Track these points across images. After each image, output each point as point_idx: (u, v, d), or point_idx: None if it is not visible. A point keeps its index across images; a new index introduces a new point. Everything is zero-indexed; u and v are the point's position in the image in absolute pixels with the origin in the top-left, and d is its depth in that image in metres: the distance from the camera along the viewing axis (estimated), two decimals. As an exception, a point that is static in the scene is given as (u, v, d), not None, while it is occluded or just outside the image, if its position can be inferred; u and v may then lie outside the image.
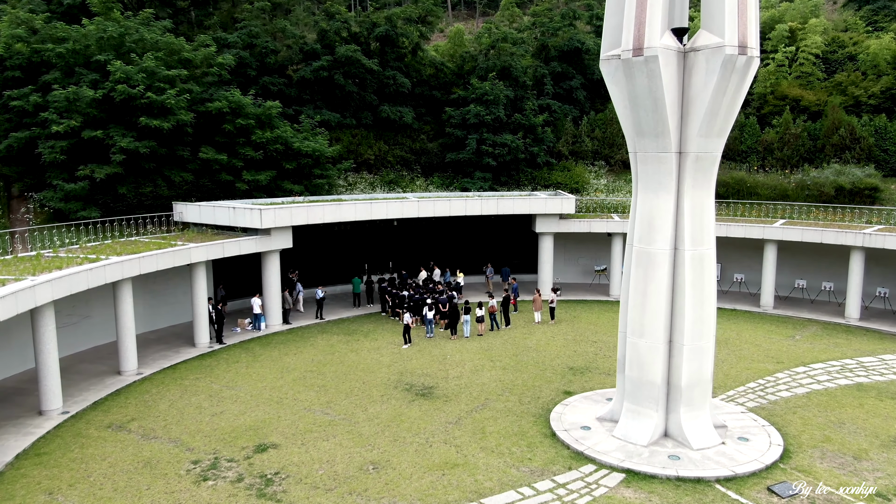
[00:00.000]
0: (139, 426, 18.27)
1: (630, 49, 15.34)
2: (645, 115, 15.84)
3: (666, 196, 16.22)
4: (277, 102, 32.81)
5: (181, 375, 22.38)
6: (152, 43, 29.72)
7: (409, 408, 19.41)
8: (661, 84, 15.12)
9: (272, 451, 16.70)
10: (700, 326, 16.38)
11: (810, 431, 17.71)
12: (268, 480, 15.18)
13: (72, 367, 22.96)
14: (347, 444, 17.00)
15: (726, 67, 14.83)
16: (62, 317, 24.19)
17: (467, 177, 39.17)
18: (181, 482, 15.16)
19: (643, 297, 16.69)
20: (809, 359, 23.95)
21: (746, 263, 34.01)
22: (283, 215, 27.05)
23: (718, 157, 16.21)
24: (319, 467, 15.79)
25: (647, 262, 16.59)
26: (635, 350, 16.99)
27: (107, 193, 28.88)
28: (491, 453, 16.45)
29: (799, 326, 28.48)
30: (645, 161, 16.49)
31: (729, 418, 18.28)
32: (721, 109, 15.39)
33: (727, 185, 37.62)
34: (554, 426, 17.84)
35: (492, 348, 25.29)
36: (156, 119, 28.03)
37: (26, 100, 27.91)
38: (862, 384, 21.38)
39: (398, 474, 15.39)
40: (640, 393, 17.00)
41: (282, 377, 22.12)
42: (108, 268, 20.49)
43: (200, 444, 17.06)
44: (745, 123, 40.04)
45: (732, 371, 22.62)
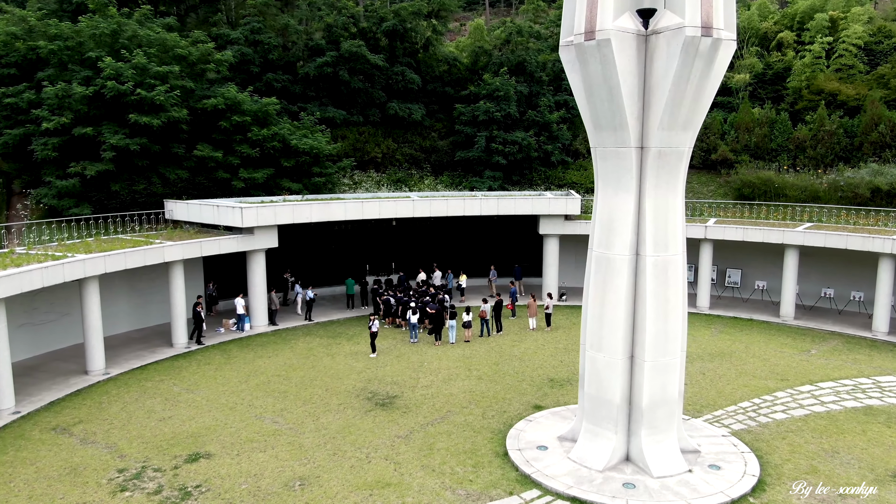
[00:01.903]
0: (83, 429, 17.73)
1: (582, 33, 13.86)
2: (601, 105, 14.32)
3: (626, 195, 14.66)
4: (275, 99, 32.25)
5: (147, 377, 21.87)
6: (146, 39, 29.48)
7: (362, 419, 18.32)
8: (616, 71, 13.59)
9: (204, 461, 15.85)
10: (663, 341, 14.73)
11: (796, 460, 15.80)
12: (186, 494, 14.32)
13: (43, 366, 22.77)
14: (283, 457, 16.02)
15: (688, 51, 13.18)
16: (39, 314, 24.16)
17: (477, 175, 37.86)
18: (98, 492, 14.44)
19: (601, 307, 15.15)
20: (819, 376, 21.77)
21: (770, 270, 31.61)
22: (267, 214, 26.35)
23: (686, 153, 14.55)
24: (244, 481, 14.85)
25: (605, 269, 15.05)
26: (593, 365, 15.45)
27: (100, 190, 28.79)
28: (431, 473, 15.20)
29: (818, 340, 26.12)
30: (604, 157, 14.95)
31: (706, 442, 16.52)
32: (685, 99, 13.74)
33: (753, 185, 35.23)
34: (508, 444, 16.45)
35: (474, 356, 23.97)
36: (146, 116, 27.75)
37: (20, 97, 28.05)
38: (872, 407, 19.18)
39: (323, 493, 14.31)
40: (599, 412, 15.46)
41: (246, 381, 21.35)
42: (66, 266, 20.08)
43: (134, 451, 16.37)
44: (776, 120, 37.45)
45: (728, 388, 20.68)
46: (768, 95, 40.85)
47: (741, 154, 37.20)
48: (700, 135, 38.49)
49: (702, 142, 38.34)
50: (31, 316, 23.75)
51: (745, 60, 41.57)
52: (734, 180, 36.07)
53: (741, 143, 37.55)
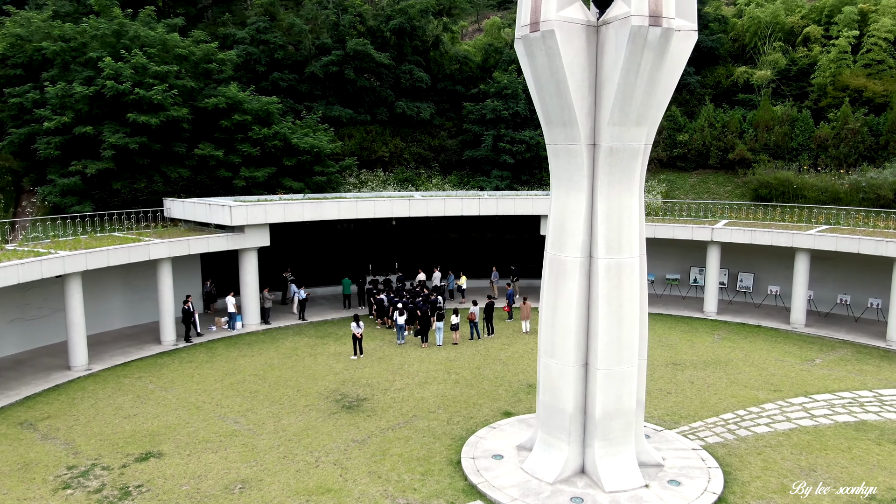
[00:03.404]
0: (48, 425, 17.86)
1: (527, 24, 13.24)
2: (550, 100, 13.65)
3: (577, 195, 13.95)
4: (275, 98, 32.28)
5: (126, 373, 21.99)
6: (147, 40, 29.80)
7: (324, 421, 17.98)
8: (562, 64, 12.91)
9: (154, 460, 15.74)
10: (617, 348, 13.96)
11: (766, 478, 14.82)
12: (125, 493, 14.20)
13: (30, 361, 23.14)
14: (233, 459, 15.80)
15: (635, 42, 12.42)
16: (31, 309, 24.58)
17: (485, 175, 37.25)
18: (40, 489, 14.45)
19: (553, 312, 14.47)
20: (817, 388, 20.53)
21: (784, 274, 30.10)
22: (257, 213, 26.32)
23: (641, 150, 13.74)
24: (186, 483, 14.66)
25: (557, 272, 14.37)
26: (547, 372, 14.78)
27: (102, 188, 29.21)
28: (377, 479, 14.76)
29: (826, 349, 24.74)
30: (556, 154, 14.27)
31: (673, 455, 15.65)
32: (636, 93, 12.96)
33: (770, 186, 33.70)
34: (464, 452, 15.88)
35: (457, 359, 23.42)
36: (145, 115, 28.04)
37: (25, 97, 28.69)
38: (866, 422, 17.95)
39: (261, 497, 14.01)
40: (552, 422, 14.78)
41: (222, 380, 21.27)
42: (44, 263, 20.33)
43: (89, 449, 16.37)
44: (798, 118, 35.79)
45: (713, 399, 19.66)
46: (792, 92, 39.09)
47: (760, 153, 35.66)
48: (717, 134, 37.11)
49: (719, 141, 36.94)
50: (23, 311, 24.18)
51: (768, 56, 39.89)
52: (751, 181, 34.59)
53: (760, 142, 36.01)
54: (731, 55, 42.94)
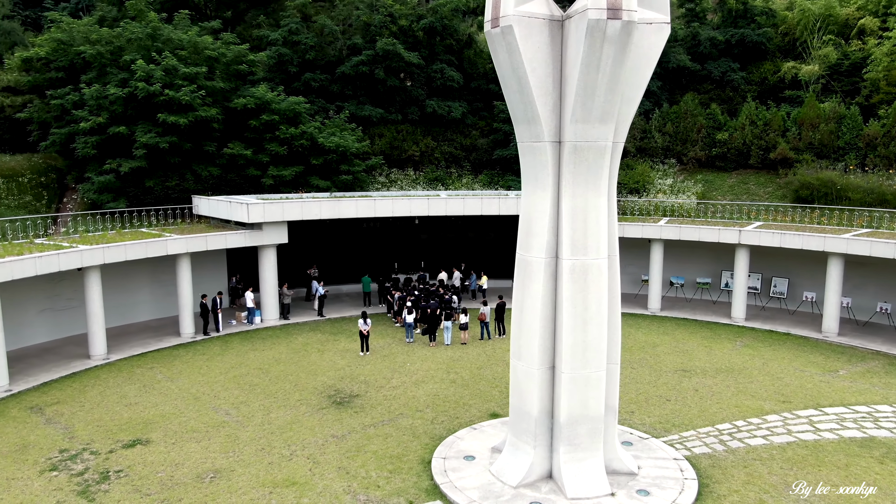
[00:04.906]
0: (55, 410, 18.79)
1: (489, 20, 13.05)
2: (513, 96, 13.42)
3: (542, 194, 13.66)
4: (301, 98, 32.90)
5: (140, 363, 22.89)
6: (178, 42, 30.92)
7: (311, 416, 18.23)
8: (522, 60, 12.67)
9: (140, 447, 16.34)
10: (581, 351, 13.58)
11: (744, 492, 14.10)
12: (104, 477, 14.80)
13: (56, 350, 24.37)
14: (214, 449, 16.22)
15: (594, 36, 12.05)
16: (62, 300, 25.90)
17: (515, 174, 36.88)
18: (30, 470, 15.23)
19: (520, 313, 14.22)
20: (831, 400, 19.40)
21: (821, 280, 28.42)
22: (274, 210, 26.90)
23: (607, 148, 13.32)
24: (163, 470, 15.15)
25: (524, 272, 14.11)
26: (515, 374, 14.54)
27: (135, 186, 30.50)
28: (345, 475, 14.86)
29: (855, 359, 23.34)
30: (524, 152, 14.03)
31: (651, 465, 15.11)
32: (598, 88, 12.57)
33: (812, 187, 32.01)
34: (437, 452, 15.80)
35: (461, 359, 23.30)
36: (174, 115, 29.12)
37: (66, 99, 30.27)
38: (874, 439, 16.85)
39: (227, 487, 14.34)
40: (520, 425, 14.52)
41: (226, 373, 21.86)
42: (61, 256, 21.39)
43: (84, 434, 17.14)
44: (845, 115, 33.86)
45: (713, 407, 18.85)
46: (843, 88, 37.02)
47: (803, 153, 33.93)
48: (759, 132, 35.53)
49: (760, 139, 35.35)
50: (53, 302, 25.50)
51: (819, 51, 37.90)
52: (792, 181, 32.96)
53: (804, 140, 34.25)
54: (780, 50, 41.03)
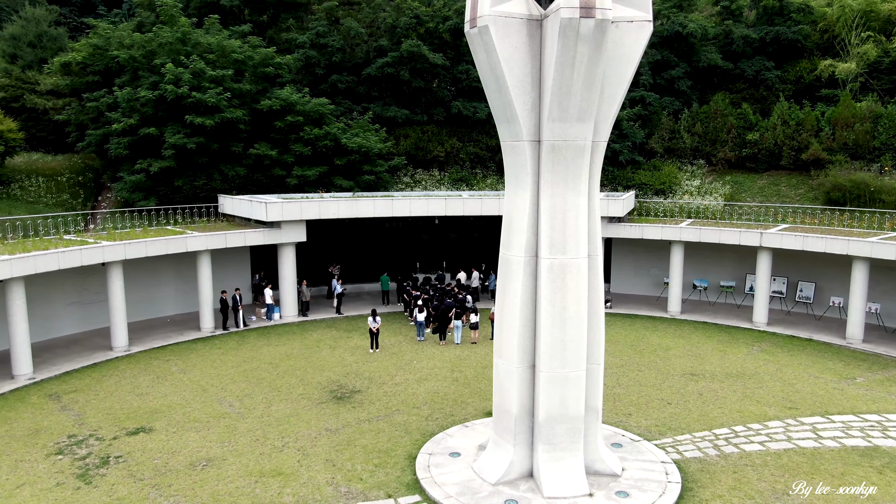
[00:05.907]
0: (71, 398, 19.70)
1: (468, 20, 13.20)
2: (493, 96, 13.53)
3: (523, 193, 13.71)
4: (325, 100, 33.50)
5: (158, 356, 23.74)
6: (207, 46, 31.90)
7: (310, 410, 18.65)
8: (499, 59, 12.76)
9: (142, 435, 17.02)
10: (560, 351, 13.58)
11: (728, 498, 13.84)
12: (104, 462, 15.48)
13: (83, 341, 25.47)
14: (211, 438, 16.77)
15: (567, 35, 12.07)
16: (90, 294, 27.05)
17: (538, 175, 36.74)
18: (38, 453, 16.04)
19: (501, 312, 14.30)
20: (841, 408, 18.80)
21: (849, 285, 27.60)
22: (292, 209, 27.52)
23: (587, 147, 13.28)
24: (159, 457, 15.76)
25: (505, 271, 14.19)
26: (496, 372, 14.62)
27: (165, 185, 31.61)
28: (331, 467, 15.18)
29: (877, 367, 22.54)
30: (505, 151, 14.11)
31: (637, 467, 14.96)
32: (574, 87, 12.57)
33: (843, 188, 30.97)
34: (424, 448, 15.99)
35: (468, 358, 23.42)
36: (201, 116, 30.07)
37: (100, 101, 31.60)
38: (878, 448, 16.28)
39: (216, 475, 14.83)
40: (501, 423, 14.59)
41: (238, 367, 22.50)
42: (84, 251, 22.38)
43: (93, 421, 17.93)
44: (882, 114, 32.64)
45: (715, 412, 18.50)
46: (883, 87, 35.68)
47: (837, 153, 32.86)
48: (791, 132, 34.55)
49: (793, 140, 34.38)
50: (82, 296, 26.67)
51: (858, 48, 36.61)
52: (823, 183, 31.95)
53: (838, 141, 33.16)
54: (817, 47, 39.77)
